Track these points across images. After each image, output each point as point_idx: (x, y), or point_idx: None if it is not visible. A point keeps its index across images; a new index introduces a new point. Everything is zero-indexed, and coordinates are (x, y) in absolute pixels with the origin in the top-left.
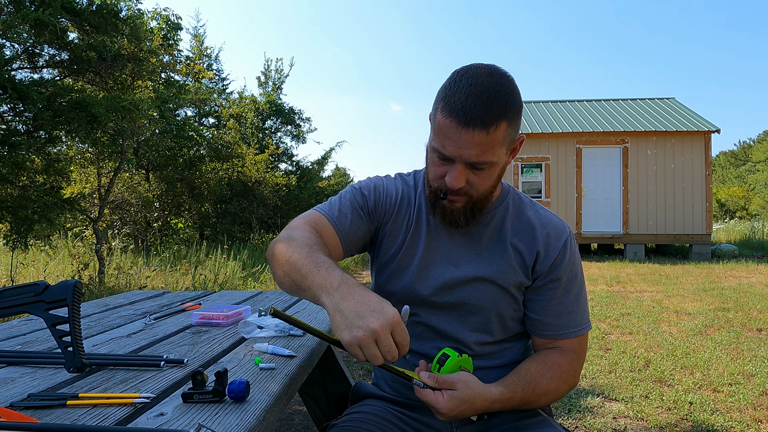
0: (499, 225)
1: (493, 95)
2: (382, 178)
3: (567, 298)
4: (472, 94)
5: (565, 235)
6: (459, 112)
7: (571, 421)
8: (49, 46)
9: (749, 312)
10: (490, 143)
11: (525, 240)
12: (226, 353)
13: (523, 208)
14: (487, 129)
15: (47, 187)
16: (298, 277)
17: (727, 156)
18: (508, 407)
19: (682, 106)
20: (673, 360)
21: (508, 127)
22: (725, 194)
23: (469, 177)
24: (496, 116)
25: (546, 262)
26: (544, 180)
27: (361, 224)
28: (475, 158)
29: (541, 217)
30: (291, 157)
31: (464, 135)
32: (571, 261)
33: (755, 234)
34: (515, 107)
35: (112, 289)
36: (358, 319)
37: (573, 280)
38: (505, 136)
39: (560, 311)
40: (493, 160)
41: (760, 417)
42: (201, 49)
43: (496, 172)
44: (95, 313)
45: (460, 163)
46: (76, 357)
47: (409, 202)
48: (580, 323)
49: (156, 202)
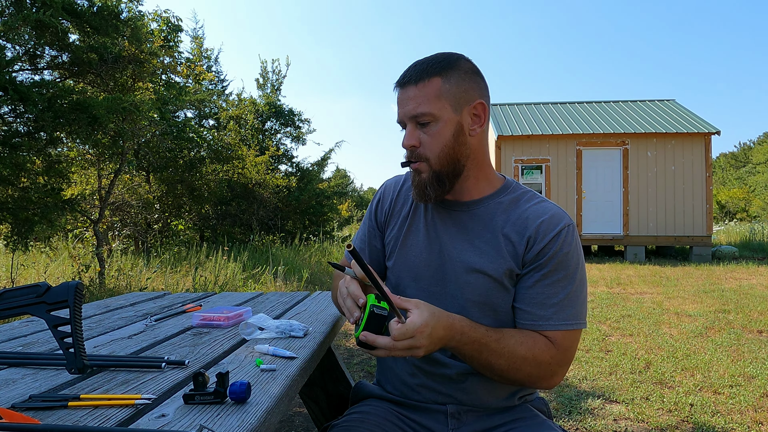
0: (491, 215)
1: (429, 59)
2: (391, 179)
3: (552, 289)
4: (412, 65)
5: (562, 224)
6: (400, 77)
7: (571, 423)
8: (50, 48)
9: (750, 314)
10: (424, 96)
11: (518, 229)
12: (227, 354)
13: (522, 201)
14: (416, 83)
15: (48, 189)
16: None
17: (727, 158)
18: (473, 351)
19: (683, 108)
20: (673, 362)
21: (443, 82)
22: (725, 196)
23: (420, 137)
24: (427, 72)
25: (535, 249)
26: (544, 181)
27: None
28: (413, 110)
29: (540, 208)
30: (291, 158)
31: (402, 95)
32: (564, 251)
33: (755, 236)
34: (451, 65)
35: (113, 291)
36: None
37: (562, 271)
38: (442, 90)
39: (542, 301)
40: (430, 111)
41: (760, 419)
42: (200, 51)
43: (446, 130)
44: (96, 315)
45: (408, 122)
46: (77, 358)
47: (408, 191)
48: (566, 318)
49: (156, 203)
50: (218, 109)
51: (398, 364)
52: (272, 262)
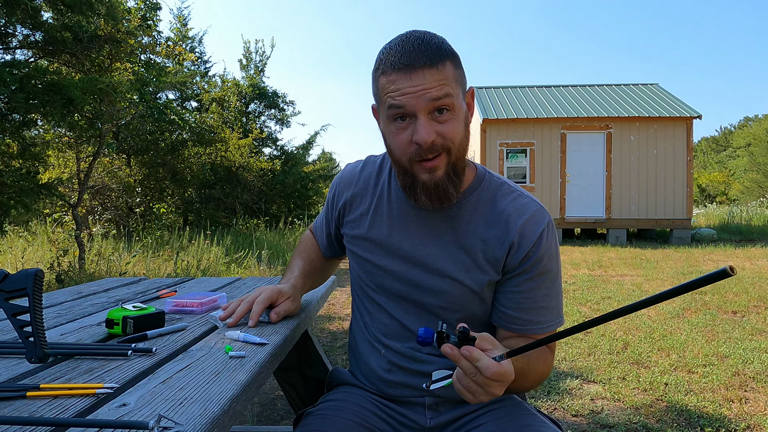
0: (467, 217)
1: (429, 38)
2: (347, 168)
3: (538, 292)
4: (407, 43)
5: (543, 225)
6: (401, 60)
7: (549, 403)
8: (22, 26)
9: (725, 295)
10: (444, 78)
11: (497, 233)
12: (198, 341)
13: (498, 197)
14: (435, 65)
15: (23, 172)
16: None
17: (708, 142)
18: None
19: (665, 92)
20: (650, 342)
21: (454, 67)
22: (706, 179)
23: (437, 128)
24: (440, 54)
25: (519, 254)
26: (528, 165)
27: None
28: (436, 94)
29: (518, 206)
30: (275, 141)
31: (415, 78)
32: (547, 253)
33: (734, 218)
34: (453, 51)
35: (92, 276)
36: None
37: (546, 273)
38: (455, 76)
39: (530, 305)
40: (452, 94)
41: (731, 397)
42: (183, 32)
43: (461, 117)
44: (67, 301)
45: (422, 112)
46: (37, 348)
47: (375, 183)
48: (551, 319)
49: (138, 187)
50: (201, 91)
51: (373, 359)
52: (256, 246)
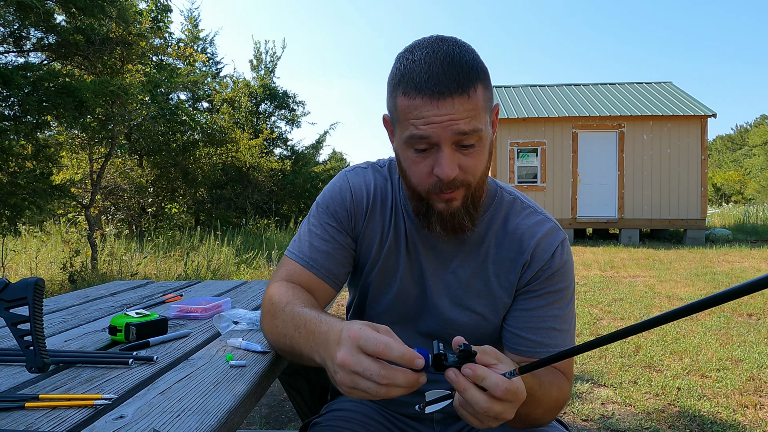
0: (480, 239)
1: (459, 57)
2: (347, 177)
3: (548, 312)
4: (435, 62)
5: (557, 242)
6: (428, 83)
7: None
8: (35, 29)
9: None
10: (474, 108)
11: (511, 254)
12: (200, 349)
13: (510, 215)
14: (467, 92)
15: (37, 173)
16: (291, 356)
17: (723, 140)
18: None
19: (679, 90)
20: (663, 345)
21: (484, 90)
22: (721, 179)
23: (460, 161)
24: (471, 77)
25: (529, 272)
26: (539, 165)
27: (338, 247)
28: (465, 127)
29: (531, 224)
30: (285, 141)
31: (443, 107)
32: (560, 271)
33: (749, 218)
34: (484, 68)
35: (104, 276)
36: (330, 362)
37: (558, 293)
38: (485, 101)
39: (537, 325)
40: (482, 128)
41: (746, 402)
42: (194, 33)
43: (486, 148)
44: (74, 305)
45: (446, 144)
46: (37, 357)
47: (385, 200)
48: (562, 344)
49: (150, 187)
50: (212, 92)
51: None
52: (266, 246)
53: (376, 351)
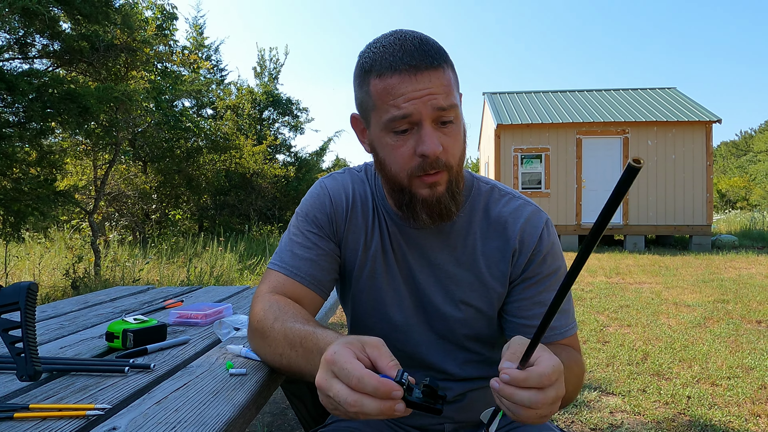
0: (465, 231)
1: (426, 38)
2: (324, 184)
3: (547, 296)
4: (406, 42)
5: (541, 225)
6: (402, 59)
7: (567, 416)
8: (40, 36)
9: (749, 304)
10: (449, 84)
11: (498, 243)
12: (199, 356)
13: (490, 203)
14: (441, 66)
15: (41, 180)
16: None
17: (728, 146)
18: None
19: (684, 96)
20: (671, 353)
21: (453, 72)
22: (726, 185)
23: (441, 140)
24: (442, 55)
25: (521, 260)
26: (543, 171)
27: (321, 254)
28: (444, 101)
29: (512, 209)
30: (289, 148)
31: (421, 80)
32: (550, 252)
33: (755, 224)
34: (448, 55)
35: (106, 282)
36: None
37: (552, 275)
38: (455, 83)
39: (541, 311)
40: (457, 104)
41: (758, 411)
42: (199, 40)
43: (461, 129)
44: (72, 311)
45: (428, 120)
46: (28, 365)
47: (365, 202)
48: (566, 323)
49: (153, 193)
50: (216, 99)
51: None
52: (269, 252)
53: (349, 384)
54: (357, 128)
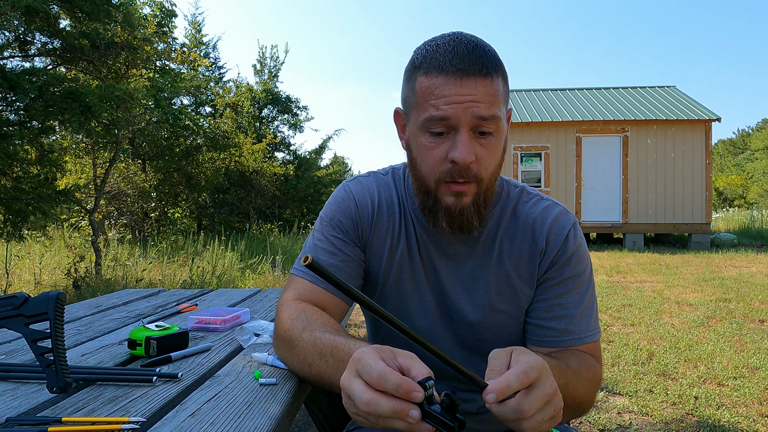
0: (492, 235)
1: (483, 44)
2: (349, 187)
3: (568, 299)
4: (460, 45)
5: (568, 226)
6: (452, 61)
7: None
8: (40, 34)
9: (751, 303)
10: (495, 94)
11: (526, 246)
12: (224, 365)
13: (518, 205)
14: (490, 75)
15: (41, 179)
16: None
17: (725, 144)
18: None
19: (683, 95)
20: (676, 352)
21: (503, 83)
22: (723, 183)
23: (476, 150)
24: (495, 64)
25: (546, 260)
26: (543, 169)
27: (346, 260)
28: (485, 111)
29: (540, 210)
30: (288, 146)
31: (466, 86)
32: (575, 255)
33: (754, 223)
34: (504, 66)
35: (108, 281)
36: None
37: (576, 278)
38: (504, 95)
39: (561, 314)
40: (500, 116)
41: (766, 412)
42: (197, 37)
43: (501, 143)
44: (86, 316)
45: (465, 127)
46: (59, 377)
47: (391, 206)
48: (587, 329)
49: (153, 192)
50: (215, 96)
51: None
52: (270, 251)
53: (370, 381)
54: (398, 123)
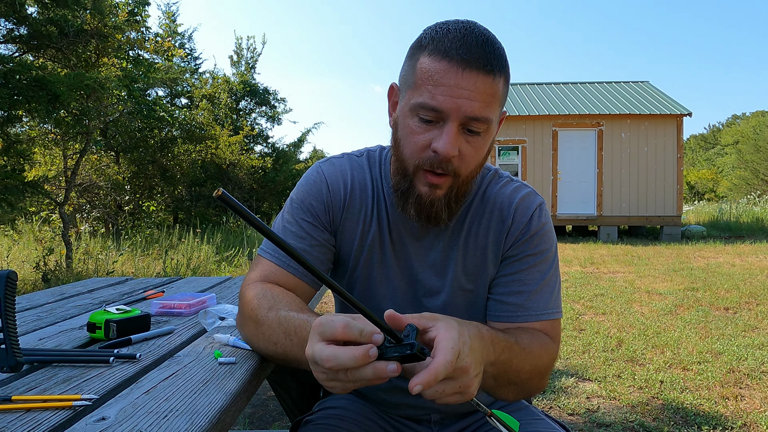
0: (462, 217)
1: (494, 41)
2: (321, 169)
3: (527, 275)
4: (471, 35)
5: (534, 206)
6: (459, 49)
7: (545, 402)
8: (5, 20)
9: (717, 291)
10: (493, 95)
11: (493, 223)
12: (186, 345)
13: (489, 186)
14: (492, 74)
15: (8, 170)
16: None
17: (697, 139)
18: (506, 359)
19: (656, 90)
20: (644, 339)
21: (504, 85)
22: (695, 177)
23: (461, 145)
24: (501, 64)
25: (510, 238)
26: (520, 162)
27: (315, 244)
28: (478, 111)
29: (509, 191)
30: (266, 138)
31: (465, 79)
32: (539, 234)
33: (723, 215)
34: (509, 67)
35: (79, 275)
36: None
37: (537, 255)
38: (501, 97)
39: (518, 289)
40: (492, 119)
41: (727, 394)
42: (172, 27)
43: (487, 144)
44: (49, 303)
45: (455, 121)
46: (9, 356)
47: (364, 189)
48: (544, 307)
49: (126, 184)
50: (191, 88)
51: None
52: (247, 244)
53: (334, 335)
54: (391, 99)
